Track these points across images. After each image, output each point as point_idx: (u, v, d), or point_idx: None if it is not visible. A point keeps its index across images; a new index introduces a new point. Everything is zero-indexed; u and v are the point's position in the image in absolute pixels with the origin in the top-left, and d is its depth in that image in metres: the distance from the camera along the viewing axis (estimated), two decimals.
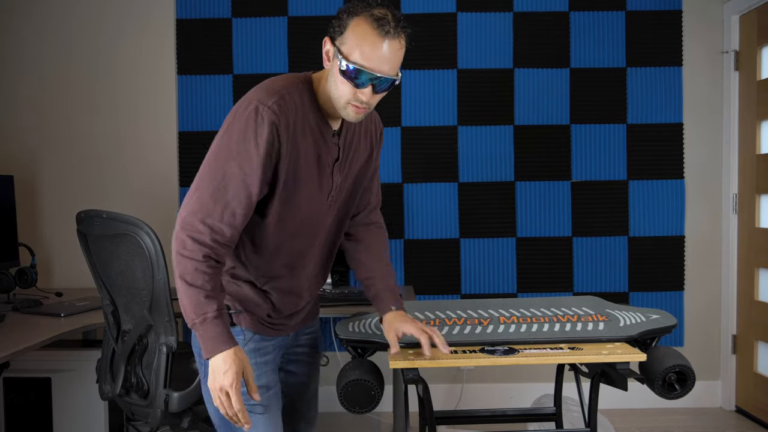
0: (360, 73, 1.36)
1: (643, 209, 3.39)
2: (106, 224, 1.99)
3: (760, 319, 3.20)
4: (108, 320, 2.15)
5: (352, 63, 1.36)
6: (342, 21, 1.39)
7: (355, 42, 1.36)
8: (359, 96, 1.40)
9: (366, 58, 1.36)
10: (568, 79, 3.37)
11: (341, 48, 1.38)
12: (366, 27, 1.36)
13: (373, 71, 1.37)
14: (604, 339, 1.70)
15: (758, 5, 3.17)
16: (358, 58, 1.36)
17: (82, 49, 3.37)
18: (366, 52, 1.36)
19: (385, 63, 1.38)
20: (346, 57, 1.37)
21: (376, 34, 1.36)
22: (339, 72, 1.38)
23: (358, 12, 1.38)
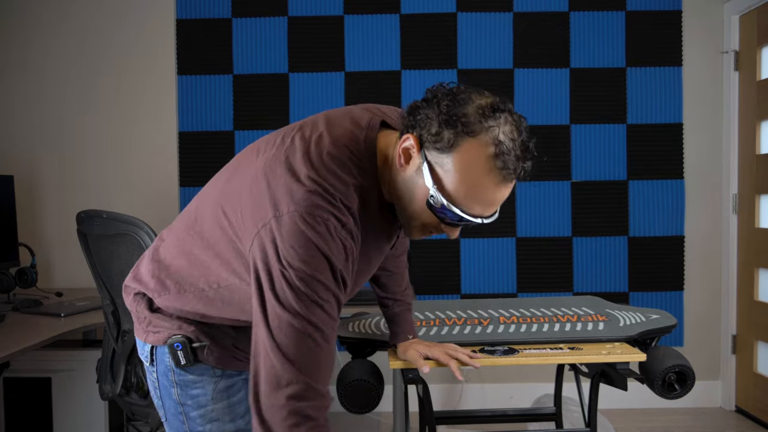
0: (456, 216, 1.03)
1: (643, 209, 3.39)
2: (106, 224, 1.99)
3: (760, 319, 3.20)
4: (108, 320, 2.15)
5: (450, 204, 1.01)
6: (445, 131, 0.99)
7: (461, 178, 0.99)
8: (441, 230, 1.10)
9: (472, 206, 1.02)
10: (568, 79, 3.37)
11: (436, 169, 1.00)
12: (484, 164, 0.98)
13: (475, 218, 1.04)
14: (604, 339, 1.70)
15: (758, 5, 3.17)
16: (460, 200, 1.01)
17: (82, 49, 3.37)
18: (472, 196, 1.01)
19: (492, 208, 1.05)
20: (442, 189, 1.01)
21: (496, 178, 0.99)
22: (425, 201, 1.03)
23: (476, 132, 0.98)
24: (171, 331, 1.21)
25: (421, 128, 1.01)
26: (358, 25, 3.36)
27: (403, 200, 1.08)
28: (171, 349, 1.20)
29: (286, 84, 3.37)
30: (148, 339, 1.24)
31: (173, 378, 1.23)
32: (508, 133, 1.00)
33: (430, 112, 1.01)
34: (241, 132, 3.37)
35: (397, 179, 1.07)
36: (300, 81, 3.37)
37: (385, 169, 1.09)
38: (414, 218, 1.09)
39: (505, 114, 1.02)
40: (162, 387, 1.25)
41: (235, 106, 3.37)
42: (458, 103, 1.00)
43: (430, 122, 1.00)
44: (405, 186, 1.06)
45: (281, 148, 1.08)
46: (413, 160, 1.03)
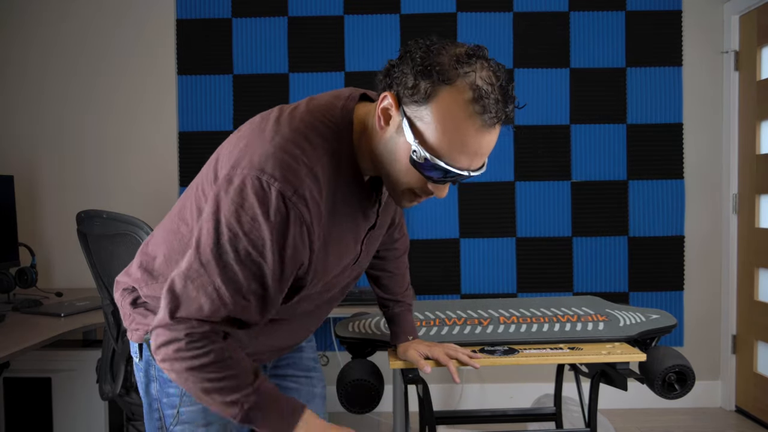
0: (441, 170, 0.99)
1: (643, 209, 3.39)
2: (106, 224, 1.99)
3: (760, 319, 3.20)
4: (108, 320, 2.15)
5: (434, 157, 0.97)
6: (421, 82, 0.96)
7: (441, 128, 0.95)
8: (429, 189, 1.04)
9: (457, 157, 0.98)
10: (568, 79, 3.37)
11: (416, 123, 0.97)
12: (463, 110, 0.95)
13: (461, 170, 0.99)
14: (604, 339, 1.70)
15: (758, 5, 3.17)
16: (444, 152, 0.97)
17: (82, 50, 3.37)
18: (456, 146, 0.97)
19: (478, 158, 1.00)
20: (424, 143, 0.97)
21: (476, 123, 0.96)
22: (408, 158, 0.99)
23: (451, 78, 0.95)
24: (148, 327, 1.19)
25: (398, 85, 0.98)
26: (358, 25, 3.36)
27: (386, 164, 1.04)
28: (147, 345, 1.19)
29: (286, 84, 3.37)
30: (132, 337, 1.24)
31: (153, 373, 1.23)
32: (486, 78, 0.96)
33: (404, 67, 0.98)
34: None
35: (378, 145, 1.03)
36: (300, 81, 3.37)
37: (364, 139, 1.06)
38: (400, 182, 1.04)
39: (481, 60, 0.99)
40: (145, 381, 1.25)
41: (235, 106, 3.37)
42: (432, 53, 0.97)
43: (406, 77, 0.97)
44: (386, 148, 1.02)
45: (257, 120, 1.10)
46: (393, 119, 1.00)
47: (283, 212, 0.96)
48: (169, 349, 1.00)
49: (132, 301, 1.24)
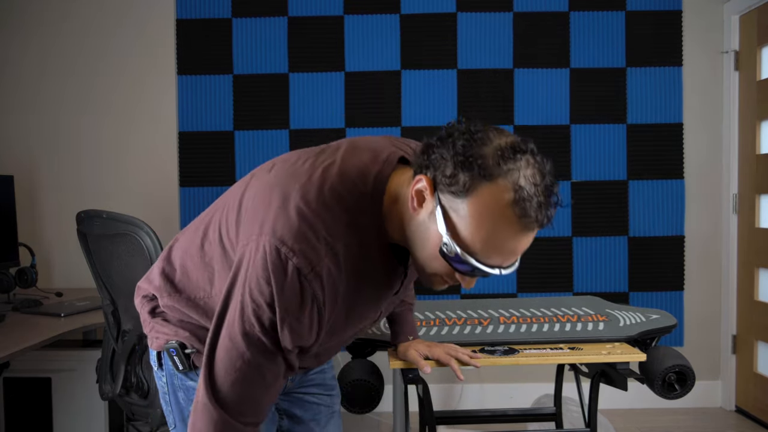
0: (471, 266, 0.95)
1: (643, 209, 3.39)
2: (106, 224, 1.99)
3: (760, 319, 3.20)
4: (108, 320, 2.15)
5: (465, 254, 0.93)
6: (460, 174, 0.91)
7: (477, 225, 0.91)
8: (457, 279, 1.00)
9: (490, 256, 0.94)
10: (568, 79, 3.37)
11: (451, 214, 0.93)
12: (502, 211, 0.90)
13: (493, 268, 0.96)
14: (604, 339, 1.70)
15: (758, 5, 3.17)
16: (477, 249, 0.93)
17: (82, 50, 3.37)
18: (490, 245, 0.93)
19: (512, 257, 0.97)
20: (456, 237, 0.93)
21: (515, 226, 0.91)
22: (437, 244, 0.95)
23: (493, 175, 0.90)
24: (168, 337, 1.20)
25: (435, 169, 0.93)
26: (358, 25, 3.36)
27: (415, 247, 1.00)
28: (169, 354, 1.19)
29: (286, 84, 3.37)
30: (152, 345, 1.24)
31: (177, 382, 1.23)
32: (530, 177, 0.91)
33: (444, 152, 0.93)
34: (241, 132, 3.37)
35: (410, 224, 0.99)
36: (300, 81, 3.37)
37: (395, 209, 1.01)
38: (427, 267, 1.00)
39: (527, 155, 0.92)
40: (170, 391, 1.24)
41: (235, 106, 3.37)
42: (475, 142, 0.92)
43: (445, 163, 0.92)
44: (417, 231, 0.98)
45: (291, 168, 1.06)
46: (426, 203, 0.95)
47: (296, 289, 0.96)
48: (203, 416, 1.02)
49: (151, 309, 1.24)
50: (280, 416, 1.38)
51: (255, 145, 3.37)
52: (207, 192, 3.36)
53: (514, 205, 0.89)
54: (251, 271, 0.98)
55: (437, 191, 0.93)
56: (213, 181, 3.36)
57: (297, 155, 1.11)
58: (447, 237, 0.92)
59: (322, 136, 3.35)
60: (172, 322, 1.20)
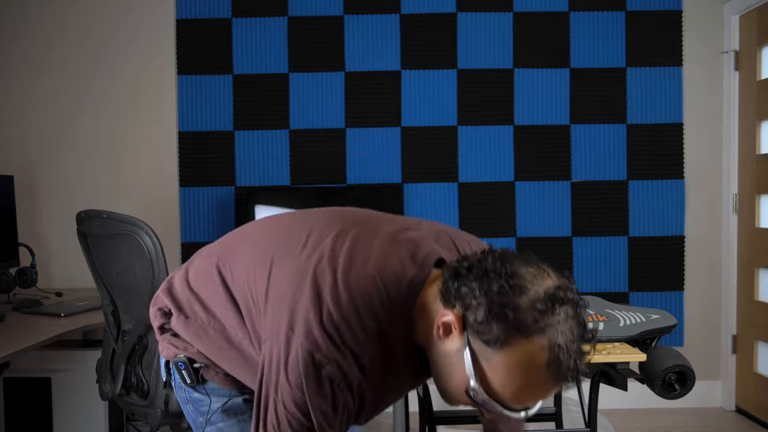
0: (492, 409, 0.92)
1: (643, 209, 3.39)
2: (106, 224, 1.99)
3: (760, 319, 3.20)
4: (108, 320, 2.15)
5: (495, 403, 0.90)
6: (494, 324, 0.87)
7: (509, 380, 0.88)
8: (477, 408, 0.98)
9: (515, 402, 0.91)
10: (568, 79, 3.37)
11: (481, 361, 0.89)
12: (537, 370, 0.87)
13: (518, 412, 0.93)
14: (604, 339, 1.70)
15: (758, 5, 3.17)
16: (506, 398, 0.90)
17: (82, 49, 3.37)
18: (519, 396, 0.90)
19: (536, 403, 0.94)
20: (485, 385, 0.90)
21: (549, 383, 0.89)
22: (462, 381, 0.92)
23: (530, 332, 0.86)
24: (177, 350, 1.20)
25: (465, 307, 0.89)
26: (358, 25, 3.36)
27: (438, 373, 0.97)
28: (176, 368, 1.20)
29: (286, 84, 3.37)
30: (162, 352, 1.24)
31: (185, 395, 1.23)
32: (567, 332, 0.86)
33: (477, 290, 0.88)
34: (241, 132, 3.37)
35: (434, 350, 0.96)
36: (300, 81, 3.36)
37: (423, 319, 0.97)
38: (451, 394, 0.97)
39: (566, 307, 0.88)
40: (181, 402, 1.26)
41: (235, 106, 3.37)
42: (512, 290, 0.87)
43: (477, 305, 0.88)
44: (441, 362, 0.95)
45: (323, 257, 1.02)
46: (453, 337, 0.92)
47: (329, 397, 0.95)
48: None
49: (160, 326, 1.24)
50: None
51: (255, 145, 3.37)
52: (207, 192, 3.36)
53: (549, 365, 0.86)
54: (282, 374, 0.97)
55: (466, 331, 0.89)
56: (213, 181, 3.36)
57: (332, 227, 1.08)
58: (475, 383, 0.89)
59: (322, 136, 3.36)
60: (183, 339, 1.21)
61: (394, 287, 0.98)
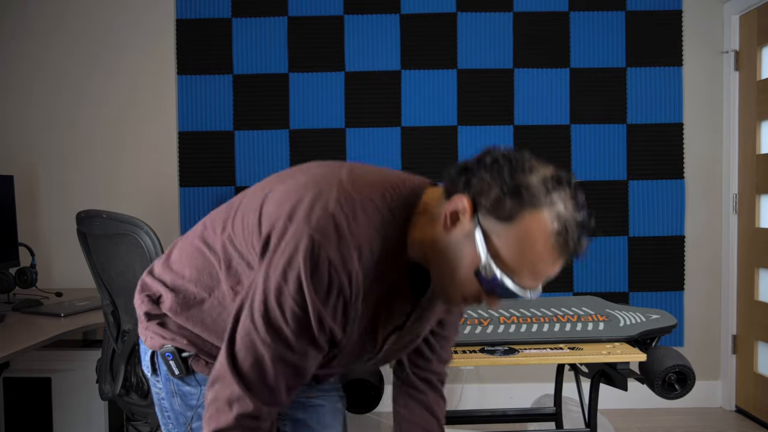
0: (506, 288, 0.97)
1: (643, 209, 3.39)
2: (106, 224, 1.99)
3: (760, 319, 3.20)
4: (108, 320, 2.15)
5: (504, 275, 0.95)
6: (507, 200, 0.93)
7: (520, 251, 0.94)
8: (484, 300, 1.02)
9: (525, 279, 0.96)
10: (568, 79, 3.37)
11: (492, 237, 0.94)
12: (545, 239, 0.93)
13: (525, 290, 0.98)
14: (604, 339, 1.70)
15: (758, 5, 3.17)
16: (516, 272, 0.95)
17: (82, 49, 3.37)
18: (529, 269, 0.95)
19: (541, 281, 0.99)
20: (498, 259, 0.95)
21: (554, 254, 0.95)
22: (473, 270, 0.97)
23: (540, 204, 0.93)
24: (164, 341, 1.18)
25: (477, 193, 0.95)
26: (358, 25, 3.36)
27: (444, 267, 1.00)
28: (164, 358, 1.18)
29: (286, 84, 3.37)
30: (147, 342, 1.22)
31: (172, 388, 1.20)
32: (571, 209, 0.95)
33: (487, 177, 0.95)
34: (241, 132, 3.37)
35: (439, 243, 0.99)
36: (300, 81, 3.36)
37: (420, 226, 1.02)
38: (455, 287, 1.01)
39: (567, 187, 0.96)
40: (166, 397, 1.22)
41: (235, 106, 3.37)
42: (522, 171, 0.95)
43: (489, 188, 0.94)
44: (448, 251, 0.98)
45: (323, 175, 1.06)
46: (461, 224, 0.96)
47: (325, 280, 0.96)
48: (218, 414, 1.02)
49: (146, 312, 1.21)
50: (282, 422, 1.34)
51: (255, 145, 3.37)
52: (207, 192, 3.36)
53: (557, 235, 0.93)
54: (279, 257, 0.98)
55: (477, 213, 0.95)
56: (213, 181, 3.36)
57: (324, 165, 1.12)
58: (488, 258, 0.94)
59: (322, 136, 3.36)
60: (171, 328, 1.18)
61: (398, 188, 1.03)
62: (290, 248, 0.97)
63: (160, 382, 1.22)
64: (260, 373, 1.00)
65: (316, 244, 0.95)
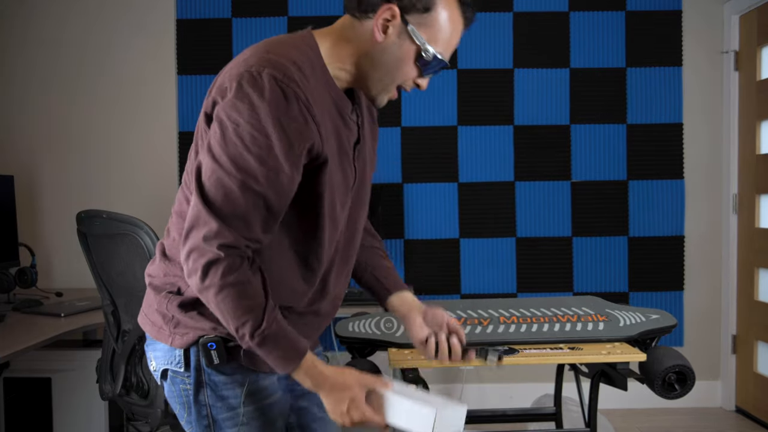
0: (441, 64, 1.18)
1: (643, 209, 3.39)
2: (106, 224, 1.99)
3: (760, 319, 3.20)
4: (108, 320, 2.15)
5: (438, 53, 1.15)
6: None
7: (443, 29, 1.15)
8: (418, 82, 1.22)
9: (447, 50, 1.18)
10: (568, 79, 3.37)
11: (421, 29, 1.14)
12: (456, 15, 1.16)
13: (447, 61, 1.19)
14: (604, 339, 1.70)
15: (758, 5, 3.17)
16: (442, 48, 1.16)
17: (82, 50, 3.37)
18: (451, 43, 1.17)
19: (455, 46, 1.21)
20: (433, 44, 1.15)
21: (461, 25, 1.18)
22: (411, 57, 1.15)
23: None
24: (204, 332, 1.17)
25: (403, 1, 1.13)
26: None
27: (387, 66, 1.17)
28: (204, 349, 1.16)
29: None
30: (175, 342, 1.19)
31: (204, 378, 1.18)
32: None
33: None
34: None
35: (375, 53, 1.16)
36: None
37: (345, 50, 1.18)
38: (395, 80, 1.19)
39: None
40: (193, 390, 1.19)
41: None
42: None
43: None
44: (388, 53, 1.16)
45: None
46: (393, 28, 1.14)
47: (277, 91, 1.05)
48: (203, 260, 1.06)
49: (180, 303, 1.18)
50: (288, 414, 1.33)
51: None
52: None
53: (460, 8, 1.16)
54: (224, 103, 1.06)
55: (406, 18, 1.13)
56: None
57: None
58: (424, 44, 1.14)
59: None
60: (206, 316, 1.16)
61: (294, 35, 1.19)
62: (234, 86, 1.05)
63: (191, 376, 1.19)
64: (232, 204, 1.05)
65: (254, 71, 1.05)
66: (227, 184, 1.04)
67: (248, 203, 1.05)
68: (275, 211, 1.09)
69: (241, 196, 1.04)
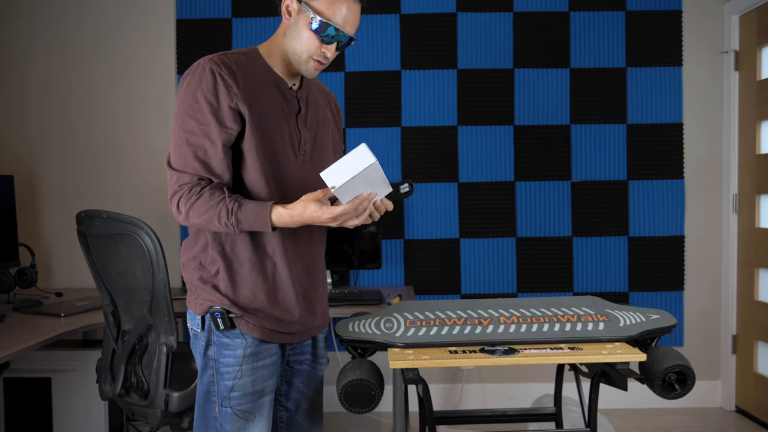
0: (332, 30, 1.45)
1: (643, 209, 3.39)
2: (106, 224, 1.99)
3: (760, 319, 3.20)
4: (108, 320, 2.15)
5: (326, 20, 1.44)
6: None
7: (329, 3, 1.45)
8: (323, 51, 1.49)
9: (339, 18, 1.46)
10: (568, 79, 3.37)
11: (312, 4, 1.46)
12: None
13: (343, 30, 1.47)
14: (604, 339, 1.70)
15: (758, 5, 3.17)
16: (332, 16, 1.45)
17: (82, 50, 3.37)
18: (341, 12, 1.45)
19: (352, 24, 1.49)
20: (319, 14, 1.45)
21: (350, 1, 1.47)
22: (308, 28, 1.46)
23: None
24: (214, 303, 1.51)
25: None
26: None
27: (292, 43, 1.50)
28: (212, 317, 1.51)
29: None
30: (196, 310, 1.54)
31: (212, 338, 1.53)
32: None
33: None
34: None
35: (285, 33, 1.51)
36: None
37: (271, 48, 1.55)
38: (304, 52, 1.49)
39: None
40: (204, 345, 1.54)
41: None
42: None
43: None
44: (293, 30, 1.49)
45: None
46: (293, 10, 1.48)
47: (206, 69, 1.47)
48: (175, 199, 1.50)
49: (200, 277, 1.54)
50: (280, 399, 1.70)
51: None
52: None
53: None
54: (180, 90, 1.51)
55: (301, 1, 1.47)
56: None
57: None
58: (313, 14, 1.44)
59: None
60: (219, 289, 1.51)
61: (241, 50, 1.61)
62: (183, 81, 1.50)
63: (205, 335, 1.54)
64: (185, 154, 1.48)
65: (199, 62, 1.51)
66: (178, 143, 1.48)
67: (197, 149, 1.46)
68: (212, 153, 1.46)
69: (187, 146, 1.47)
